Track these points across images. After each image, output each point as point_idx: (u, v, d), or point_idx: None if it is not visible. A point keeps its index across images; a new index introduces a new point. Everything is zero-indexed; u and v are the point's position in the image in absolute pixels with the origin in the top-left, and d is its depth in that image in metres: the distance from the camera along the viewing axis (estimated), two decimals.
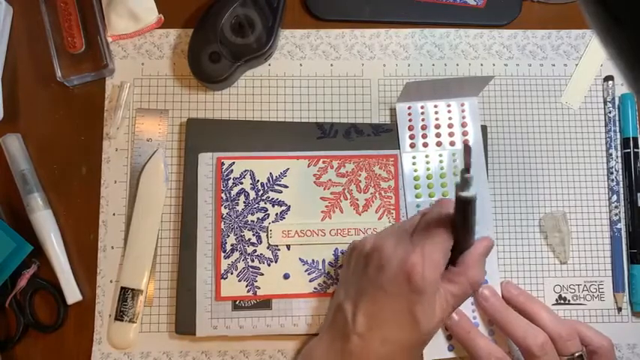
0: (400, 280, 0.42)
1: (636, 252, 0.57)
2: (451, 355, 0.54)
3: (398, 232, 0.47)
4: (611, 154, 0.58)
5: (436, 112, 0.58)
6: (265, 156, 0.56)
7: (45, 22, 0.57)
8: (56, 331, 0.54)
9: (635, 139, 0.59)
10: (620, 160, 0.59)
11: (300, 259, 0.54)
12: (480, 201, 0.56)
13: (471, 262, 0.45)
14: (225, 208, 0.55)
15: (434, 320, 0.43)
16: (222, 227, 0.54)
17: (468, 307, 0.54)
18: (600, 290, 0.57)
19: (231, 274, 0.54)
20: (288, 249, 0.55)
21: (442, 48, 0.60)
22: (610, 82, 0.60)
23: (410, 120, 0.58)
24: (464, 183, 0.39)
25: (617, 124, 0.59)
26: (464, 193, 0.40)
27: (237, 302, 0.53)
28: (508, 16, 0.61)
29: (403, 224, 0.48)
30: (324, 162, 0.56)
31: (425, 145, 0.57)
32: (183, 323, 0.53)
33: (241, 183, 0.55)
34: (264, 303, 0.54)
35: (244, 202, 0.55)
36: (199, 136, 0.56)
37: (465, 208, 0.41)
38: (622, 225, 0.57)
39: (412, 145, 0.57)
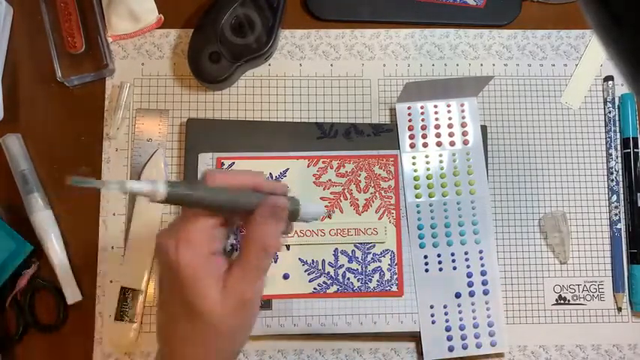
0: (165, 271, 0.38)
1: (636, 252, 0.57)
2: (451, 355, 0.54)
3: (174, 220, 0.40)
4: (611, 154, 0.58)
5: (436, 113, 0.58)
6: (265, 156, 0.56)
7: (45, 22, 0.57)
8: (56, 331, 0.54)
9: (635, 139, 0.58)
10: (620, 160, 0.59)
11: (299, 259, 0.54)
12: (480, 201, 0.56)
13: (251, 225, 0.38)
14: None
15: (217, 307, 0.36)
16: None
17: (468, 308, 0.54)
18: (600, 290, 0.57)
19: None
20: (288, 249, 0.55)
21: (442, 48, 0.60)
22: (610, 82, 0.60)
23: (410, 120, 0.58)
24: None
25: (617, 124, 0.59)
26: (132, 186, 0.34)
27: None
28: (508, 16, 0.61)
29: None
30: (323, 162, 0.56)
31: (425, 145, 0.57)
32: None
33: None
34: (264, 303, 0.54)
35: None
36: (199, 136, 0.56)
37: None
38: (622, 225, 0.57)
39: (412, 145, 0.57)
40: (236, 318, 0.38)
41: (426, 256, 0.55)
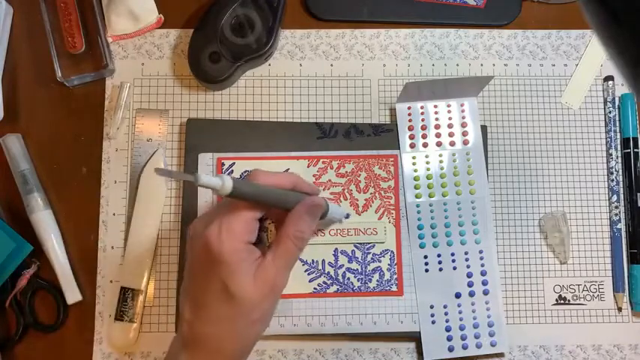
0: (202, 256, 0.41)
1: (636, 252, 0.56)
2: (451, 355, 0.54)
3: (209, 211, 0.44)
4: (611, 154, 0.58)
5: (436, 113, 0.58)
6: (265, 156, 0.56)
7: (45, 22, 0.57)
8: (56, 331, 0.54)
9: (635, 139, 0.58)
10: (620, 160, 0.59)
11: (299, 259, 0.54)
12: (480, 201, 0.56)
13: (289, 219, 0.43)
14: None
15: (250, 289, 0.40)
16: None
17: (468, 308, 0.54)
18: (600, 290, 0.57)
19: None
20: None
21: (442, 48, 0.60)
22: (610, 82, 0.60)
23: (410, 120, 0.58)
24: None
25: (617, 124, 0.59)
26: (199, 182, 0.36)
27: None
28: (508, 16, 0.61)
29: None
30: (323, 162, 0.56)
31: (425, 145, 0.57)
32: None
33: None
34: None
35: None
36: (199, 136, 0.56)
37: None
38: (622, 225, 0.57)
39: (412, 146, 0.57)
40: (265, 303, 0.41)
41: (426, 256, 0.55)
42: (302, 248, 0.43)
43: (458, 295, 0.55)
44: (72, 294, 0.54)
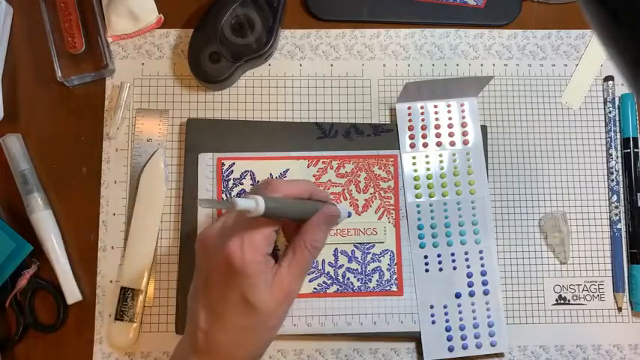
0: (222, 268, 0.42)
1: (636, 252, 0.56)
2: (451, 355, 0.54)
3: (224, 223, 0.45)
4: (611, 154, 0.58)
5: (436, 113, 0.58)
6: (265, 156, 0.56)
7: (45, 22, 0.57)
8: (56, 331, 0.54)
9: (635, 139, 0.58)
10: (620, 160, 0.59)
11: None
12: (480, 201, 0.56)
13: (306, 229, 0.44)
14: None
15: (268, 298, 0.42)
16: None
17: (468, 308, 0.54)
18: (600, 290, 0.57)
19: None
20: None
21: (442, 48, 0.60)
22: (610, 82, 0.60)
23: (410, 120, 0.58)
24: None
25: (617, 124, 0.59)
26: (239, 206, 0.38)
27: None
28: (508, 16, 0.61)
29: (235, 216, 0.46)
30: (323, 162, 0.56)
31: (425, 145, 0.57)
32: (184, 323, 0.53)
33: (242, 184, 0.55)
34: None
35: None
36: (199, 136, 0.56)
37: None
38: (622, 225, 0.57)
39: (412, 146, 0.57)
40: (280, 310, 0.43)
41: (426, 256, 0.55)
42: (316, 256, 0.44)
43: (458, 295, 0.55)
44: (72, 294, 0.54)
